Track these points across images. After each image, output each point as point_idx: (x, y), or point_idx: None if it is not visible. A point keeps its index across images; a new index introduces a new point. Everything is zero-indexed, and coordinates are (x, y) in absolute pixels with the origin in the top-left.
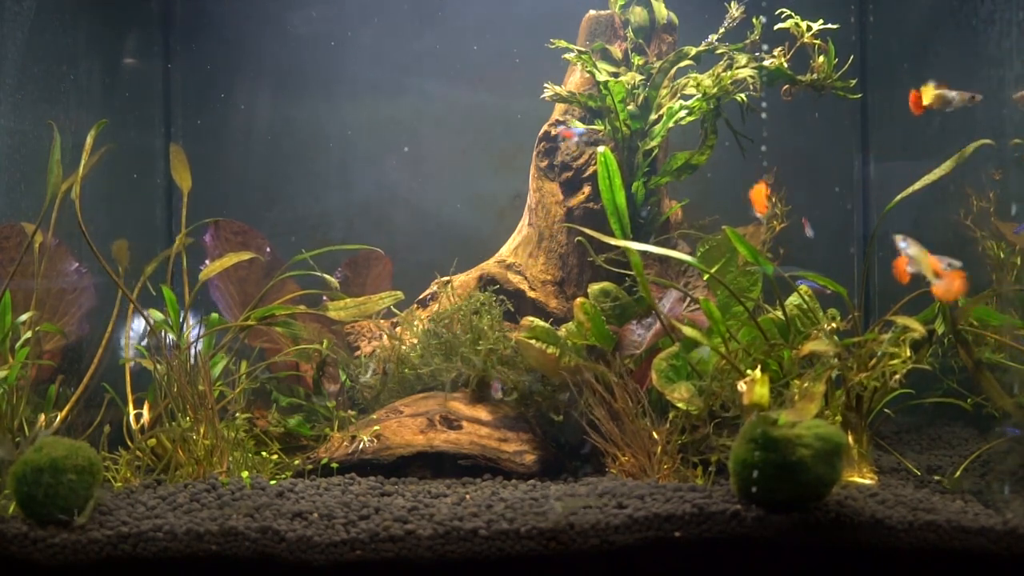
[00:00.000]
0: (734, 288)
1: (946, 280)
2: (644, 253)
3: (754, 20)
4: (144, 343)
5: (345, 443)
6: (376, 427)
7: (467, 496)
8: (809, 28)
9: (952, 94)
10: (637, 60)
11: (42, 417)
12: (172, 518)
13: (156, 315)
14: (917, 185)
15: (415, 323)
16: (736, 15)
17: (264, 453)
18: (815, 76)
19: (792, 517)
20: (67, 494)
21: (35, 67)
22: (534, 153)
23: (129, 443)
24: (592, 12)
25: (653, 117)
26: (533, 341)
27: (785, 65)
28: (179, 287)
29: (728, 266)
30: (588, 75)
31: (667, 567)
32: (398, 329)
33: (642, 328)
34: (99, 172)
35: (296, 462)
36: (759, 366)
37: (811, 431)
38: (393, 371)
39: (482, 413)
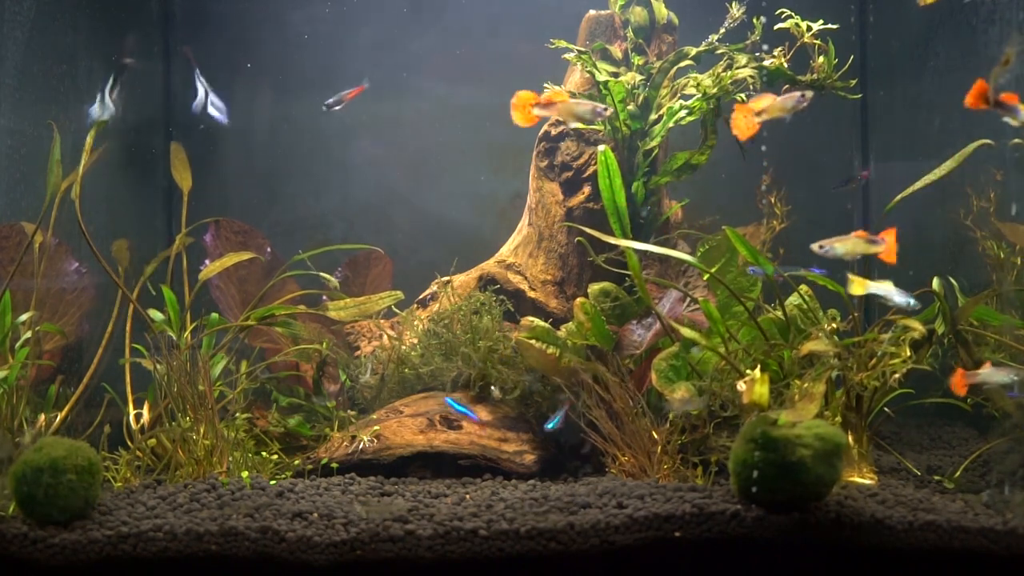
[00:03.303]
0: (734, 288)
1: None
2: (644, 253)
3: (755, 20)
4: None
5: (345, 443)
6: (376, 427)
7: (467, 496)
8: (809, 28)
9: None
10: (637, 60)
11: (42, 417)
12: (172, 518)
13: (156, 315)
14: (917, 185)
15: (415, 323)
16: (737, 16)
17: (264, 453)
18: (815, 76)
19: (792, 517)
20: (67, 494)
21: (35, 67)
22: (534, 153)
23: (129, 443)
24: (592, 12)
25: (653, 117)
26: (533, 341)
27: (785, 65)
28: (179, 287)
29: (728, 266)
30: (588, 75)
31: (667, 567)
32: (398, 329)
33: (642, 328)
34: (99, 172)
35: (296, 462)
36: (759, 366)
37: (811, 431)
38: (393, 371)
39: (482, 413)
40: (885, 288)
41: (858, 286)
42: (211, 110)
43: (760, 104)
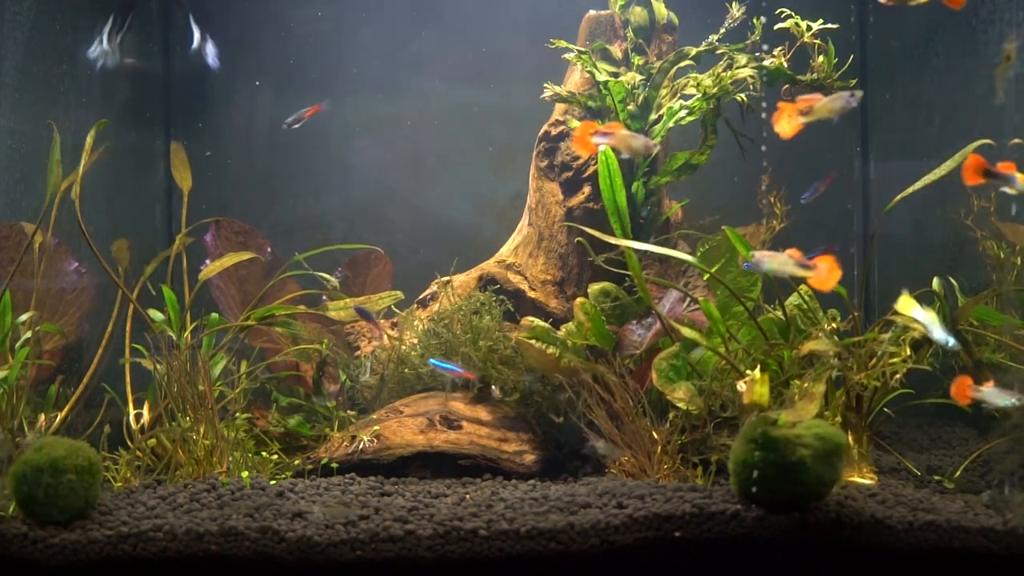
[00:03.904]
0: (734, 288)
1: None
2: (644, 253)
3: (755, 20)
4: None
5: (345, 443)
6: (376, 427)
7: (467, 496)
8: (809, 28)
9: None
10: (637, 60)
11: (42, 417)
12: (172, 518)
13: (156, 315)
14: (917, 185)
15: (415, 323)
16: (737, 15)
17: (264, 453)
18: (815, 76)
19: (792, 517)
20: (67, 494)
21: (35, 67)
22: (534, 153)
23: (129, 443)
24: (592, 12)
25: (653, 117)
26: (533, 341)
27: (785, 65)
28: (179, 287)
29: (728, 266)
30: (588, 75)
31: (667, 567)
32: (398, 329)
33: (642, 328)
34: (99, 172)
35: (296, 462)
36: (759, 366)
37: (811, 431)
38: (393, 371)
39: (482, 413)
40: (929, 318)
41: (906, 304)
42: (208, 57)
43: (806, 104)
